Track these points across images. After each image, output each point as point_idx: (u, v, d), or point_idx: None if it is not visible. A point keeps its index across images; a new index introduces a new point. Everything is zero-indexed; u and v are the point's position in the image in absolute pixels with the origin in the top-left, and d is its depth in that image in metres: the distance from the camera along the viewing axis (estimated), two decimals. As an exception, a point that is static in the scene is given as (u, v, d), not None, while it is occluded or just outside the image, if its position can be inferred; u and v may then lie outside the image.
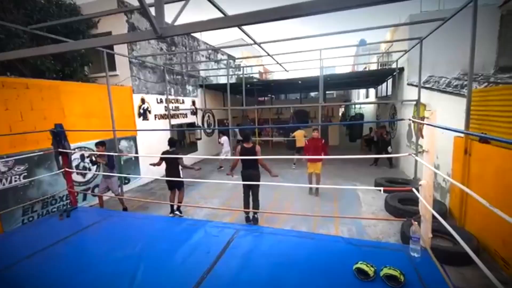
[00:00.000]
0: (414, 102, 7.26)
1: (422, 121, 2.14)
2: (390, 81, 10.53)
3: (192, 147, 10.89)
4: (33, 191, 5.07)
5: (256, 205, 4.71)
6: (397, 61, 8.42)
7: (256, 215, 4.78)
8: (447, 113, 5.38)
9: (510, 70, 6.69)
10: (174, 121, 9.38)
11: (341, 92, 21.58)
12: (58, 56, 6.69)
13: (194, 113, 9.98)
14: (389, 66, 10.73)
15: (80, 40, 2.81)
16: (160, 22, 2.48)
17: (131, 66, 7.40)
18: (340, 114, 17.32)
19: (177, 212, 5.26)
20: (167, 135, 8.86)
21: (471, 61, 4.06)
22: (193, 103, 10.51)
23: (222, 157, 8.83)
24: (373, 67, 14.04)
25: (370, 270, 1.88)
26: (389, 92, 10.68)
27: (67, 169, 3.76)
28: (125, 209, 5.64)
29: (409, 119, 3.20)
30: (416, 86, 7.34)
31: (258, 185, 4.69)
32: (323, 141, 6.16)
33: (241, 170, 4.72)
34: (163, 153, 5.19)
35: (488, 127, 3.87)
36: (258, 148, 4.59)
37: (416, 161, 6.61)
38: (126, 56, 7.12)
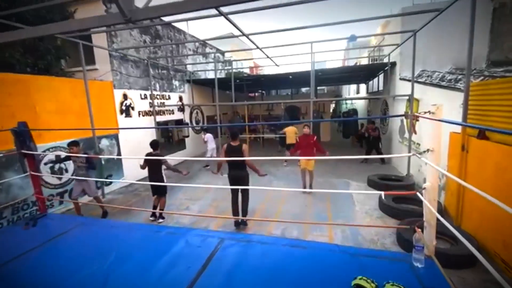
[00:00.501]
0: (407, 97, 7.10)
1: (430, 117, 1.89)
2: (381, 76, 10.40)
3: (180, 145, 10.50)
4: (0, 196, 4.63)
5: (245, 206, 4.44)
6: (389, 55, 8.26)
7: (246, 214, 4.50)
8: (443, 108, 5.21)
9: (502, 64, 6.59)
10: (160, 118, 8.96)
11: (332, 88, 21.49)
12: (30, 48, 6.18)
13: (181, 109, 9.58)
14: (380, 61, 10.57)
15: (37, 26, 2.43)
16: (128, 4, 2.14)
17: (111, 59, 6.94)
18: (331, 110, 17.20)
19: (159, 220, 4.93)
20: (152, 132, 8.48)
21: (469, 53, 3.88)
22: (180, 99, 10.09)
23: (206, 158, 8.53)
24: (364, 62, 13.91)
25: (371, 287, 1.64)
26: (381, 87, 10.55)
27: (32, 173, 3.37)
28: (105, 212, 5.26)
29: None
30: (408, 80, 7.19)
31: (248, 182, 4.42)
32: (315, 137, 5.91)
33: (227, 171, 4.41)
34: (147, 155, 4.82)
35: (486, 122, 3.69)
36: (245, 147, 4.29)
37: (409, 157, 6.47)
38: (105, 48, 6.65)
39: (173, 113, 9.58)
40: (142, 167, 4.84)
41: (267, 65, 10.78)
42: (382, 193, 2.06)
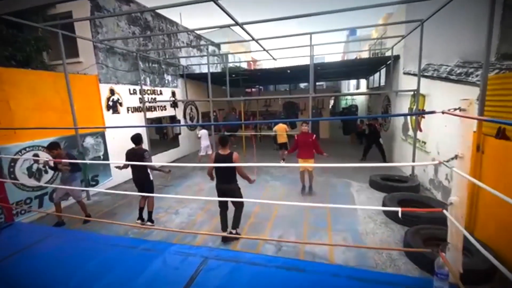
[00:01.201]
0: (412, 93, 6.71)
1: (460, 115, 1.49)
2: (383, 71, 9.98)
3: (173, 142, 10.08)
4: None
5: (238, 213, 4.00)
6: (392, 48, 7.84)
7: (236, 231, 4.00)
8: (452, 103, 4.83)
9: (513, 57, 6.21)
10: (151, 115, 8.52)
11: (330, 83, 21.06)
12: (7, 39, 5.72)
13: (174, 105, 9.14)
14: (382, 55, 10.15)
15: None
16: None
17: (96, 51, 6.47)
18: (330, 106, 16.79)
19: (148, 223, 4.54)
20: (143, 129, 8.04)
21: (487, 43, 3.51)
22: (173, 94, 9.64)
23: (199, 155, 8.17)
24: (365, 56, 13.47)
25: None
26: (382, 83, 10.15)
27: (-8, 178, 2.96)
28: (88, 216, 4.84)
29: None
30: (413, 75, 6.78)
31: (239, 195, 3.96)
32: (314, 136, 5.51)
33: (215, 183, 3.97)
34: (128, 152, 4.41)
35: (507, 118, 3.30)
36: (236, 156, 3.80)
37: (414, 155, 6.10)
38: (89, 39, 6.18)
39: (165, 109, 9.14)
40: (123, 166, 4.43)
41: (266, 59, 10.31)
42: (399, 209, 1.66)
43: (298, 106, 14.09)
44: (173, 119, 9.15)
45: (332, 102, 21.50)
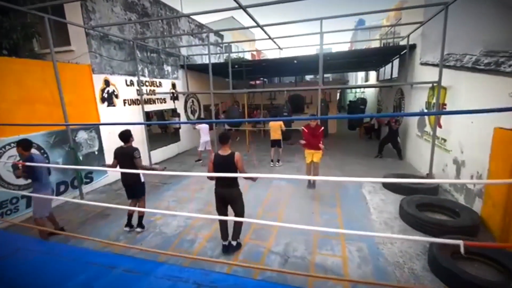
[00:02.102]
0: (430, 85, 6.16)
1: None
2: (396, 62, 9.36)
3: (174, 137, 9.68)
4: None
5: (237, 229, 3.58)
6: (408, 36, 7.22)
7: (238, 240, 3.60)
8: (482, 97, 4.32)
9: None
10: (150, 107, 8.09)
11: (337, 76, 20.36)
12: (-10, 25, 5.29)
13: (174, 97, 8.69)
14: (395, 44, 9.50)
15: None
16: None
17: (88, 39, 6.01)
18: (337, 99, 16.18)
19: (138, 229, 4.14)
20: (141, 120, 7.62)
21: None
22: (173, 86, 9.18)
23: (198, 151, 7.77)
24: (375, 46, 12.78)
25: None
26: (395, 74, 9.54)
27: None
28: (61, 229, 4.11)
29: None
30: (432, 65, 6.22)
31: (241, 202, 3.53)
32: (322, 128, 5.08)
33: (214, 187, 3.52)
34: (116, 151, 4.00)
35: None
36: (238, 156, 3.35)
37: (432, 154, 5.60)
38: (79, 25, 5.71)
39: (165, 102, 8.70)
40: (112, 165, 4.02)
41: (271, 48, 9.71)
42: (461, 243, 1.19)
43: (304, 99, 13.54)
44: (173, 112, 8.71)
45: (337, 95, 20.85)
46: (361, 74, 18.03)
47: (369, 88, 11.97)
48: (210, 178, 3.53)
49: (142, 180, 4.12)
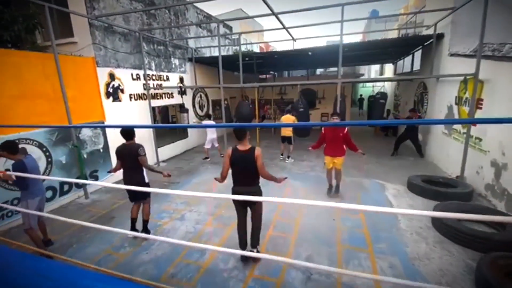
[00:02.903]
0: (461, 78, 5.59)
1: None
2: (418, 53, 8.73)
3: (182, 133, 9.35)
4: None
5: (256, 233, 3.22)
6: (435, 25, 6.60)
7: (257, 249, 3.23)
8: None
9: None
10: (157, 103, 7.75)
11: (347, 70, 19.58)
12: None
13: (182, 92, 8.32)
14: (417, 34, 8.84)
15: None
16: None
17: (92, 30, 5.66)
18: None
19: (141, 234, 3.80)
20: (148, 118, 7.30)
21: None
22: (181, 80, 8.80)
23: (205, 148, 7.46)
24: (391, 37, 12.06)
25: None
26: (416, 67, 8.91)
27: None
28: (47, 242, 3.70)
29: None
30: (464, 56, 5.64)
31: (260, 204, 3.18)
32: (346, 129, 4.59)
33: (232, 186, 3.18)
34: (118, 149, 3.65)
35: None
36: (258, 152, 2.99)
37: (465, 154, 5.07)
38: (82, 15, 5.35)
39: (172, 97, 8.34)
40: (116, 167, 3.69)
41: (281, 40, 9.25)
42: None
43: (316, 94, 13.00)
44: (181, 107, 8.36)
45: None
46: (375, 67, 17.30)
47: (385, 81, 11.27)
48: (222, 178, 3.15)
49: (147, 180, 3.77)
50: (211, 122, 7.66)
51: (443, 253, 3.27)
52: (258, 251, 3.22)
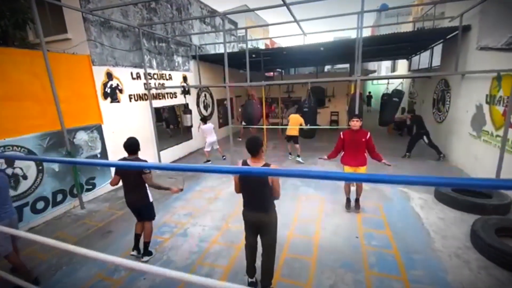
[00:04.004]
0: (493, 75, 5.02)
1: None
2: (438, 48, 8.12)
3: (187, 134, 8.91)
4: None
5: (269, 265, 2.68)
6: (461, 16, 5.99)
7: (269, 283, 2.70)
8: None
9: None
10: (159, 103, 7.31)
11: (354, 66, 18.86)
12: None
13: (186, 92, 7.87)
14: (436, 26, 8.22)
15: None
16: None
17: (87, 25, 5.22)
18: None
19: (144, 258, 3.37)
20: (150, 119, 6.86)
21: None
22: (184, 79, 8.35)
23: (206, 151, 7.07)
24: (405, 30, 11.40)
25: None
26: (436, 63, 8.31)
27: None
28: (16, 269, 2.91)
29: None
30: (498, 49, 5.06)
31: (274, 234, 2.66)
32: (369, 134, 4.06)
33: (242, 210, 2.69)
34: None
35: None
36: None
37: (501, 161, 4.51)
38: (75, 8, 4.91)
39: (175, 97, 7.90)
40: (113, 182, 3.25)
41: (288, 36, 8.74)
42: None
43: (325, 92, 12.44)
44: (184, 107, 7.92)
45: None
46: (385, 64, 16.63)
47: (403, 78, 10.57)
48: (235, 189, 2.67)
49: (151, 199, 3.33)
50: (209, 125, 7.21)
51: (491, 282, 2.76)
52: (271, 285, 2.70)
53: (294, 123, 6.73)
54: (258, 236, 2.70)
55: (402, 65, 12.91)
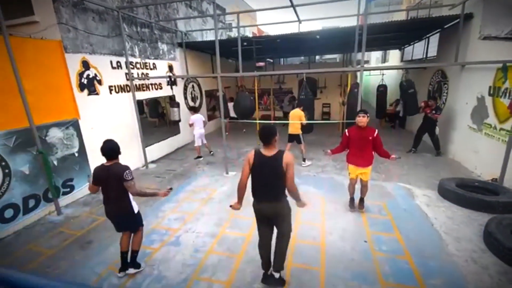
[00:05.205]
0: (496, 66, 4.83)
1: None
2: (434, 38, 7.92)
3: (173, 128, 8.36)
4: None
5: (283, 248, 2.58)
6: (463, 3, 5.74)
7: (280, 274, 2.60)
8: None
9: None
10: (142, 95, 6.72)
11: (340, 57, 18.57)
12: None
13: (172, 82, 7.28)
14: (430, 15, 7.99)
15: None
16: None
17: (57, 6, 4.54)
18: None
19: (130, 270, 2.96)
20: (133, 112, 6.28)
21: None
22: (170, 68, 7.74)
23: (196, 146, 6.60)
24: (397, 19, 11.15)
25: None
26: (432, 53, 8.12)
27: None
28: None
29: None
30: (504, 39, 4.86)
31: (289, 221, 2.57)
32: (376, 132, 3.76)
33: (253, 201, 2.50)
34: (97, 172, 2.74)
35: None
36: (289, 158, 2.33)
37: (507, 155, 4.36)
38: (41, -15, 4.23)
39: (161, 88, 7.31)
40: (90, 189, 2.80)
41: (278, 23, 8.25)
42: None
43: (317, 83, 12.10)
44: (170, 99, 7.35)
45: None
46: (376, 55, 16.47)
47: (403, 69, 10.31)
48: (241, 191, 2.47)
49: (136, 209, 2.89)
50: (199, 116, 6.76)
51: (513, 290, 2.57)
52: (281, 278, 2.61)
53: (297, 117, 6.03)
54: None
55: (393, 56, 12.75)
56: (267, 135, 2.34)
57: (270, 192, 2.41)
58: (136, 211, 2.86)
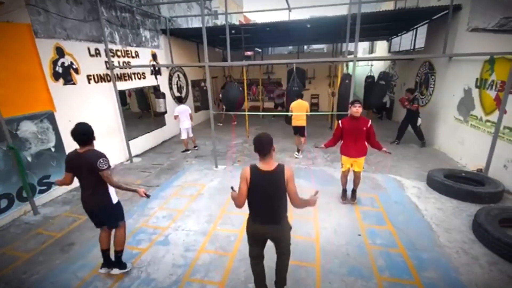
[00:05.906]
0: (484, 58, 4.88)
1: None
2: (422, 29, 7.94)
3: (159, 120, 8.01)
4: None
5: (283, 273, 2.38)
6: (453, -6, 5.72)
7: (285, 283, 2.43)
8: None
9: None
10: (124, 85, 6.33)
11: (329, 47, 18.50)
12: None
13: (156, 72, 6.91)
14: (417, 6, 7.98)
15: None
16: None
17: (24, -16, 4.08)
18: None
19: (114, 270, 2.78)
20: (114, 103, 5.91)
21: None
22: (154, 57, 7.33)
23: (182, 139, 6.36)
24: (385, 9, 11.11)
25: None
26: (420, 45, 8.17)
27: None
28: None
29: None
30: (491, 31, 4.89)
31: (289, 241, 2.30)
32: (370, 122, 3.71)
33: (248, 222, 2.23)
34: (69, 159, 2.51)
35: None
36: (290, 172, 2.04)
37: (493, 146, 4.46)
38: (4, -40, 3.77)
39: (144, 77, 6.92)
40: (63, 181, 2.58)
41: (266, 10, 8.00)
42: None
43: (306, 73, 11.96)
44: (154, 90, 6.99)
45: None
46: (363, 46, 16.49)
47: (393, 60, 10.30)
48: (241, 204, 2.12)
49: (115, 200, 2.67)
50: (184, 107, 6.48)
51: (503, 279, 2.62)
52: None
53: (300, 109, 5.87)
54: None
55: (381, 47, 12.78)
56: (264, 144, 2.00)
57: (272, 214, 2.10)
58: (115, 202, 2.64)
